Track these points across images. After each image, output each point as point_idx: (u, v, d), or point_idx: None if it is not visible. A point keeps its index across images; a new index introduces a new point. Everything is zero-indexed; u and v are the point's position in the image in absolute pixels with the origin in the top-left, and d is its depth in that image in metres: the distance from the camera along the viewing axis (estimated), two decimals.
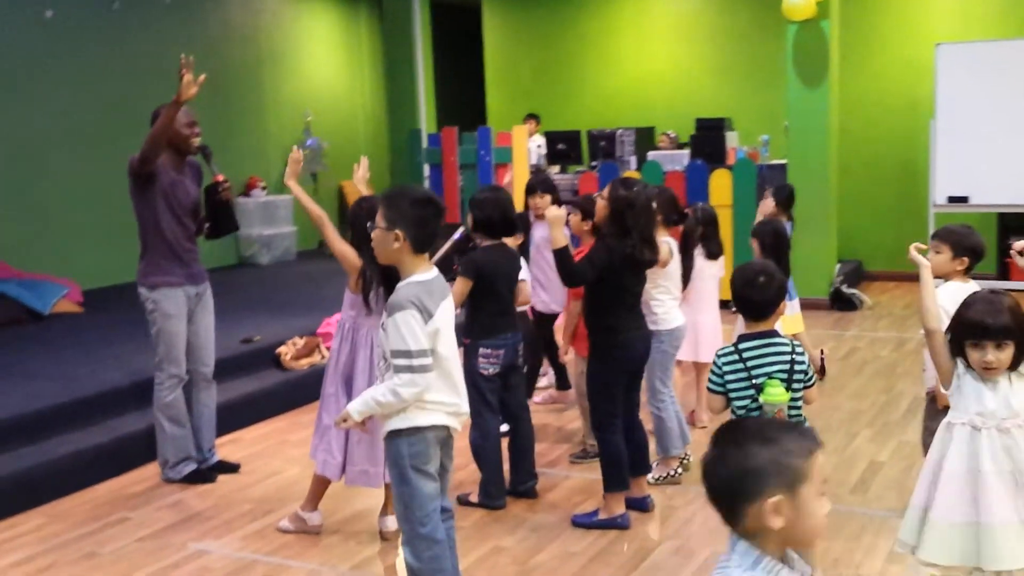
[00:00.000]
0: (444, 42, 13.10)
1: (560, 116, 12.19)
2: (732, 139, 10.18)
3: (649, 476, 4.81)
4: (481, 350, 4.63)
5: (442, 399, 3.30)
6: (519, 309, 5.55)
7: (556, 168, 10.86)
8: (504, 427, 4.84)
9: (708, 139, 9.87)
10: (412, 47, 11.25)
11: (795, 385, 3.57)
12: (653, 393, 5.01)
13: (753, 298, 3.61)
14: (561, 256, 4.20)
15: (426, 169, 10.59)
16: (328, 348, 5.60)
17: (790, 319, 6.43)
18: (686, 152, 10.04)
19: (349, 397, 4.21)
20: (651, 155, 10.03)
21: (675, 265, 4.97)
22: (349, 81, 12.80)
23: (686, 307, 5.63)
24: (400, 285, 3.27)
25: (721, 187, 9.32)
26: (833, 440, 5.47)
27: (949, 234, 4.08)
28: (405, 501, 3.33)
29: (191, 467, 5.14)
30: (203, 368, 5.18)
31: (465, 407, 3.41)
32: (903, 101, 10.62)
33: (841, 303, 9.28)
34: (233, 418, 5.97)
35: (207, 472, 5.18)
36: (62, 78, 9.16)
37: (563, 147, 10.64)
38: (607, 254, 4.25)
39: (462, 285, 4.58)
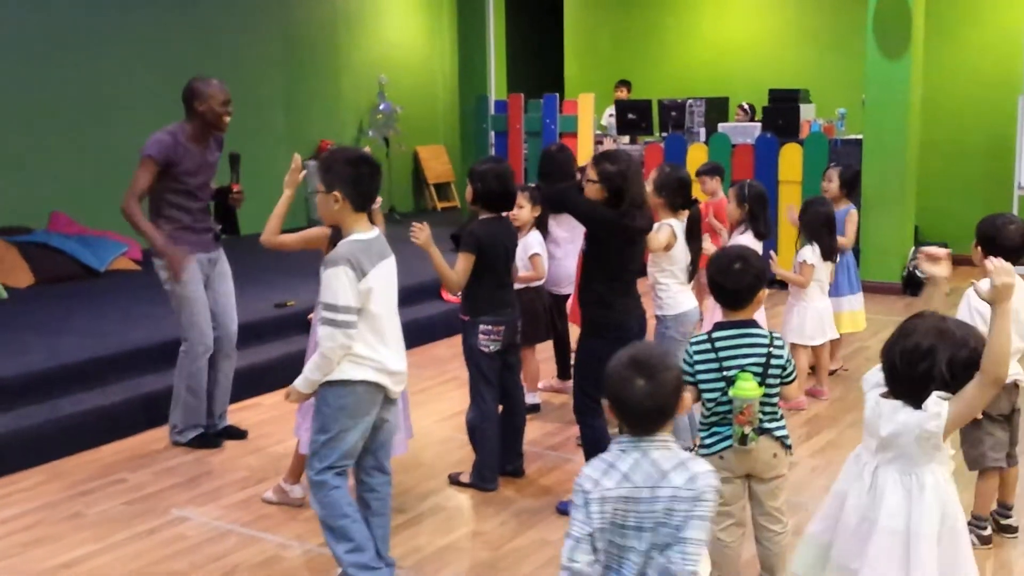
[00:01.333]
0: (524, 8, 12.90)
1: (639, 84, 11.87)
2: (808, 112, 9.75)
3: None
4: (481, 327, 4.48)
5: (371, 355, 3.37)
6: (535, 284, 5.41)
7: (626, 138, 10.59)
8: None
9: (781, 111, 9.46)
10: (485, 12, 11.06)
11: (770, 380, 3.35)
12: None
13: (727, 285, 3.39)
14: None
15: (492, 136, 10.45)
16: None
17: (848, 317, 6.12)
18: (758, 125, 9.65)
19: None
20: (721, 127, 9.66)
21: (680, 249, 4.72)
22: (425, 45, 12.68)
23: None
24: (340, 242, 3.38)
25: (791, 162, 8.94)
26: None
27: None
28: (315, 448, 3.43)
29: (195, 432, 5.14)
30: (224, 335, 5.16)
31: (398, 366, 3.48)
32: (992, 75, 10.01)
33: (914, 287, 8.82)
34: (255, 383, 5.97)
35: (213, 437, 5.18)
36: (131, 38, 9.28)
37: (633, 117, 10.34)
38: (607, 218, 4.08)
39: (465, 260, 4.43)
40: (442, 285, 5.80)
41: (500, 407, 4.66)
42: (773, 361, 3.34)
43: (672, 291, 4.74)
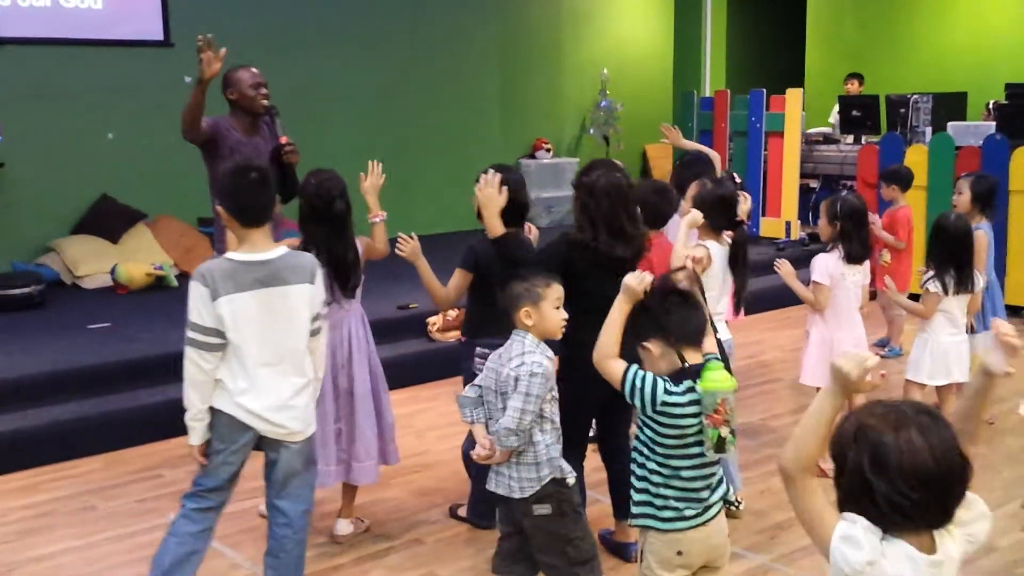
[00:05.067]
0: None
1: (886, 77, 10.71)
2: None
3: None
4: (478, 349, 4.12)
5: (231, 386, 3.10)
6: None
7: (850, 138, 9.58)
8: None
9: (1019, 108, 8.11)
10: (702, 2, 10.42)
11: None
12: None
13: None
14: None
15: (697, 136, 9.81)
16: None
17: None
18: (993, 125, 8.34)
19: None
20: (951, 126, 8.45)
21: (715, 275, 4.09)
22: (650, 39, 12.10)
23: (822, 323, 4.68)
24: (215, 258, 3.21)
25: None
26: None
27: None
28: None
29: None
30: None
31: (267, 411, 3.13)
32: None
33: None
34: None
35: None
36: (349, 38, 9.48)
37: (857, 114, 9.34)
38: (558, 251, 3.63)
39: (459, 278, 4.10)
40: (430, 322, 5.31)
41: None
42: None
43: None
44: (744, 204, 4.29)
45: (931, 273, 4.74)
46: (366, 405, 4.00)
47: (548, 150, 11.11)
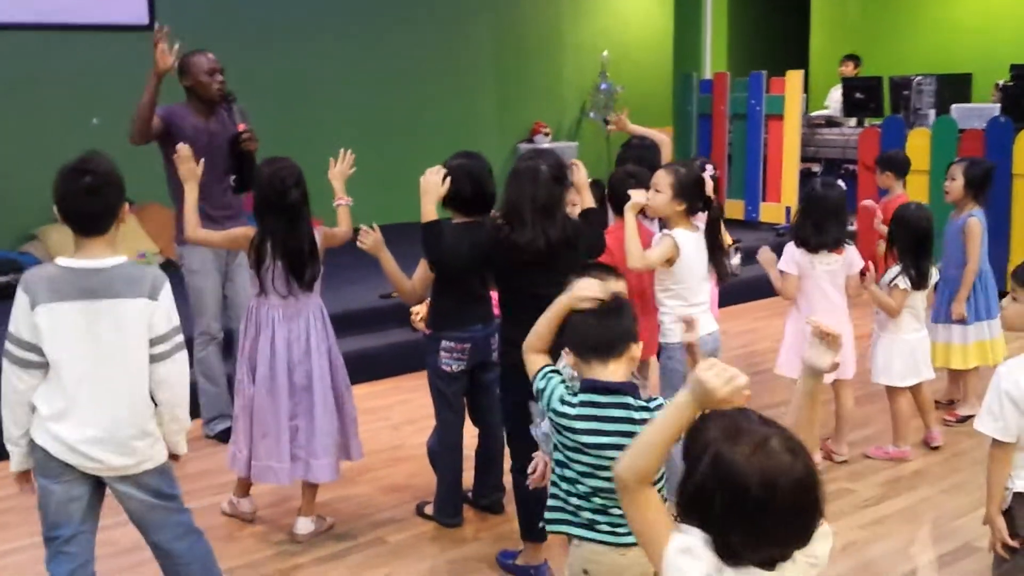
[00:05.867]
0: None
1: (888, 58, 10.48)
2: None
3: None
4: (443, 343, 3.98)
5: (45, 413, 2.76)
6: None
7: (852, 121, 9.38)
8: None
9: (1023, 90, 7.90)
10: None
11: None
12: None
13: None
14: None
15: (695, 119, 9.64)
16: None
17: (977, 349, 4.99)
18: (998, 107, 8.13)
19: (256, 383, 3.86)
20: (954, 108, 8.24)
21: (687, 264, 3.93)
22: (650, 18, 11.82)
23: (796, 313, 4.53)
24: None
25: None
26: None
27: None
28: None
29: (224, 425, 5.05)
30: (237, 328, 5.03)
31: (84, 444, 2.76)
32: None
33: None
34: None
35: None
36: (344, 20, 9.26)
37: (861, 96, 9.12)
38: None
39: (423, 269, 3.98)
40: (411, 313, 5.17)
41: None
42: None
43: (676, 315, 3.95)
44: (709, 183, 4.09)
45: (897, 268, 4.57)
46: (326, 400, 3.88)
47: (547, 134, 10.92)
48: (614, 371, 2.56)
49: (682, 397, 1.81)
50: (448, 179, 3.75)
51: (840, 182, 4.62)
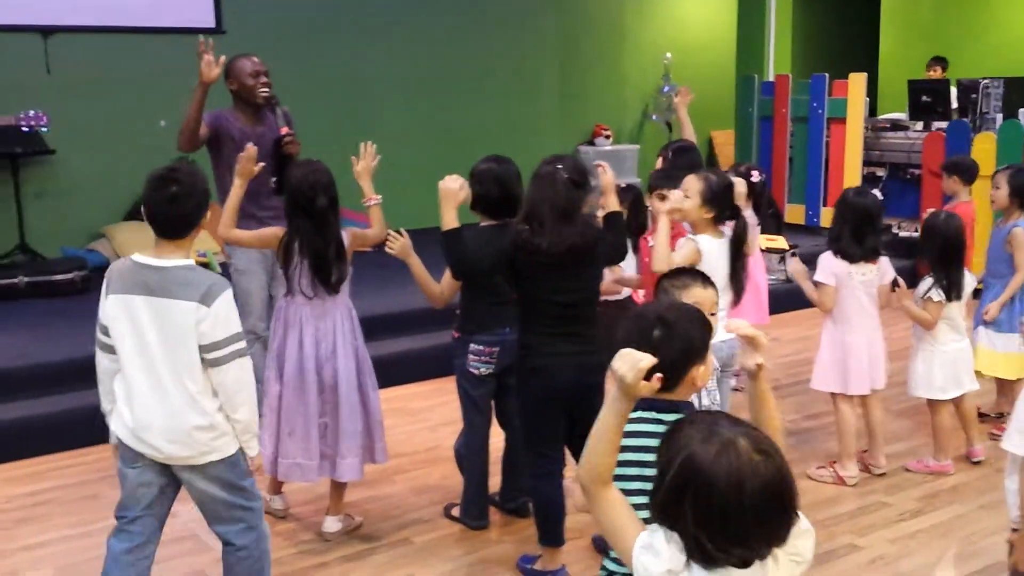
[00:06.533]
0: None
1: (965, 61, 10.21)
2: None
3: None
4: (472, 346, 4.03)
5: (119, 394, 2.95)
6: (614, 297, 4.78)
7: (919, 124, 9.17)
8: None
9: None
10: None
11: None
12: None
13: None
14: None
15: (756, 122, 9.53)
16: None
17: (989, 359, 4.86)
18: None
19: (283, 381, 3.94)
20: (1022, 113, 8.01)
21: (705, 271, 3.88)
22: (714, 22, 11.74)
23: (832, 325, 4.46)
24: None
25: None
26: None
27: None
28: None
29: None
30: None
31: (144, 431, 2.89)
32: None
33: None
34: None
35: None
36: (404, 22, 9.38)
37: (927, 99, 8.92)
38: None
39: (449, 273, 4.01)
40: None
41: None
42: None
43: None
44: (739, 187, 4.03)
45: (930, 280, 4.46)
46: (351, 400, 3.93)
47: (608, 136, 10.90)
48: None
49: (612, 391, 1.85)
50: (466, 185, 3.78)
51: (876, 191, 4.52)
